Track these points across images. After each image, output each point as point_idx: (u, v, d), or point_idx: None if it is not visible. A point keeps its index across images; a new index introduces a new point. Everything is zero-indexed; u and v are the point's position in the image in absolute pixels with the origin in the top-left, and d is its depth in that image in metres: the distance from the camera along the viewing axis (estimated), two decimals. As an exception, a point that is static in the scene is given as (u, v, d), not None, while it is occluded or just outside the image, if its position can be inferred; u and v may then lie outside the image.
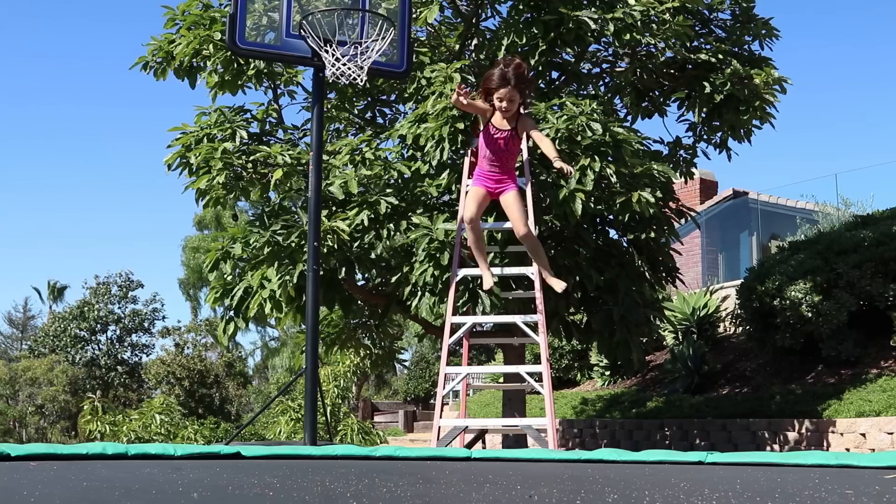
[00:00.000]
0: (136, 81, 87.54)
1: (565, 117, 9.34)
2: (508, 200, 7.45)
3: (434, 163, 9.52)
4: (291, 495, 3.49)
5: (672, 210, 10.50)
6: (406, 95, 10.53)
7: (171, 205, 75.57)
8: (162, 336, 34.02)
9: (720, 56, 10.79)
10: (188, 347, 32.14)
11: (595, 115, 9.35)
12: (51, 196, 73.97)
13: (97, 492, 3.48)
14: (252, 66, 10.41)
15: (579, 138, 9.23)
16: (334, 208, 9.66)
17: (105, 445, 5.00)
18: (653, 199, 9.25)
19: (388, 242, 9.53)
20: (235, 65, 10.39)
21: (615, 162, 9.28)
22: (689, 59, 10.91)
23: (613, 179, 9.23)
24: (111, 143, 72.40)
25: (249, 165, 10.00)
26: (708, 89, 10.71)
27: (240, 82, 10.55)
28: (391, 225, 9.48)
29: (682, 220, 11.07)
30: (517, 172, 9.53)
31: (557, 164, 7.05)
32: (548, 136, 9.41)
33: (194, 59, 10.44)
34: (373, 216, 9.36)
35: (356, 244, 9.49)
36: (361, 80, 7.90)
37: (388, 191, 9.59)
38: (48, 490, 3.53)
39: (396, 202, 9.46)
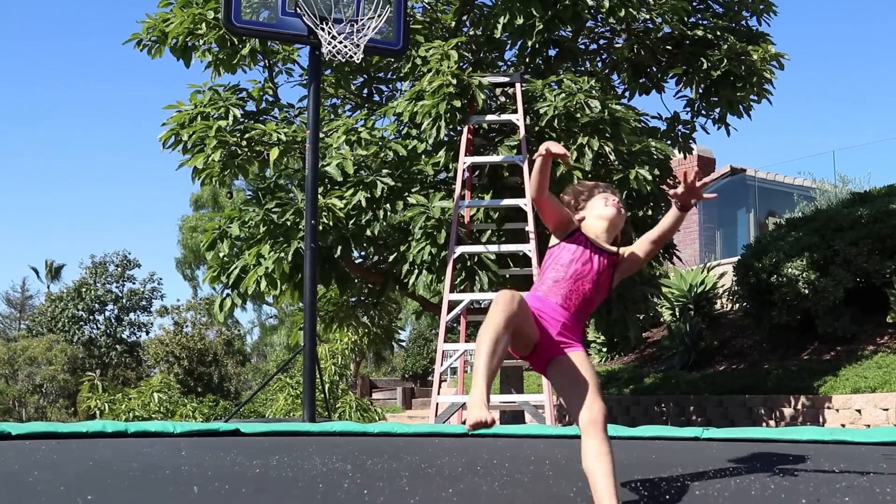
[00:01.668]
0: (133, 59, 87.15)
1: (564, 95, 9.32)
2: (574, 364, 3.56)
3: (431, 141, 9.51)
4: (289, 474, 3.52)
5: (670, 187, 10.50)
6: (402, 74, 10.50)
7: (168, 185, 75.40)
8: (160, 315, 34.04)
9: (717, 32, 10.76)
10: (187, 326, 32.17)
11: (593, 92, 9.34)
12: (48, 175, 73.83)
13: (100, 472, 3.50)
14: (247, 44, 10.37)
15: (578, 116, 9.23)
16: (329, 187, 9.66)
17: (105, 423, 5.02)
18: (650, 177, 9.26)
19: (384, 223, 9.54)
20: (230, 43, 10.35)
21: (613, 139, 9.27)
22: (687, 36, 10.88)
23: (612, 157, 9.23)
24: (108, 123, 72.20)
25: (244, 143, 9.99)
26: (705, 66, 10.68)
27: (234, 62, 10.51)
28: (387, 205, 9.49)
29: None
30: (514, 151, 9.54)
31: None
32: (545, 113, 9.40)
33: (188, 39, 10.41)
34: (369, 196, 9.36)
35: (352, 222, 9.51)
36: (358, 59, 7.88)
37: (385, 171, 9.58)
38: (53, 473, 3.55)
39: (392, 183, 9.46)
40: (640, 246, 3.79)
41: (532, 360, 3.59)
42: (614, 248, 3.65)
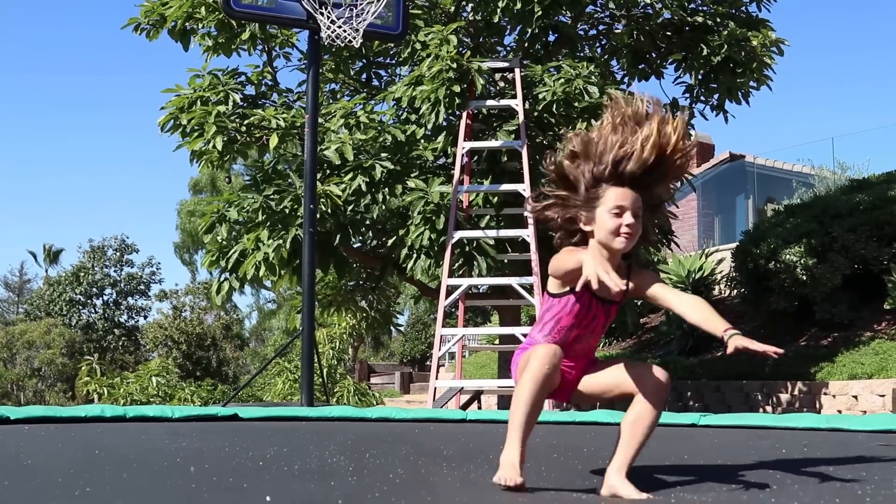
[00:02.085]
0: (131, 44, 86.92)
1: (563, 80, 9.31)
2: (599, 368, 3.27)
3: (430, 126, 9.50)
4: (287, 459, 3.53)
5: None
6: (402, 59, 10.48)
7: (166, 170, 75.29)
8: (159, 299, 34.06)
9: (717, 19, 10.74)
10: (186, 310, 32.18)
11: (592, 78, 9.32)
12: (46, 159, 73.70)
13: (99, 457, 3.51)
14: (246, 29, 10.34)
15: (577, 103, 9.22)
16: (328, 172, 9.66)
17: (103, 408, 5.04)
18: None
19: (383, 207, 9.54)
20: (229, 27, 10.33)
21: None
22: (687, 22, 10.86)
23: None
24: (107, 106, 72.02)
25: (243, 129, 9.98)
26: (705, 52, 10.66)
27: (233, 46, 10.50)
28: (386, 189, 9.49)
29: (679, 184, 11.05)
30: (513, 136, 9.53)
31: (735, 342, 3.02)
32: (544, 98, 9.37)
33: (187, 23, 10.38)
34: (368, 180, 9.36)
35: (350, 208, 9.51)
36: (357, 43, 7.86)
37: (384, 154, 9.58)
38: (51, 457, 3.56)
39: (392, 167, 9.45)
40: (652, 290, 3.11)
41: (553, 398, 3.26)
42: (622, 285, 2.85)
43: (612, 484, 2.88)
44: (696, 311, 2.98)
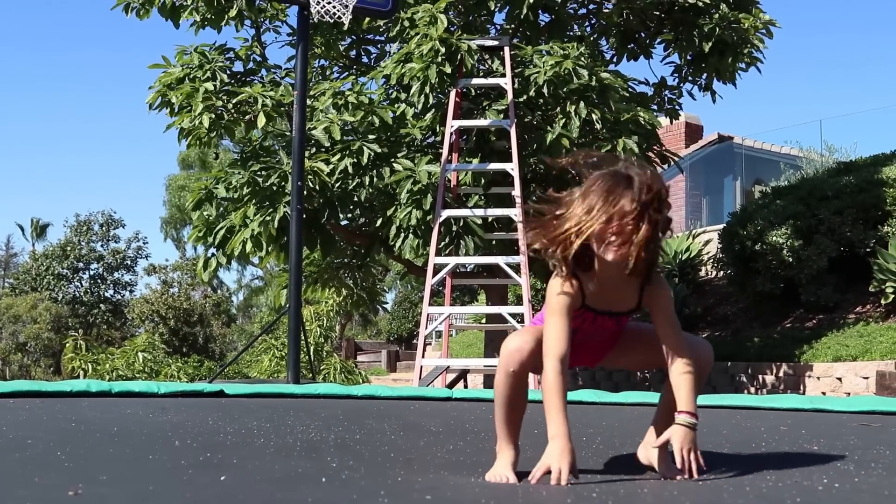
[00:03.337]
0: (121, 21, 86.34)
1: (553, 62, 9.29)
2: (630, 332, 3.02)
3: (420, 106, 9.48)
4: (272, 435, 3.53)
5: (655, 154, 10.51)
6: (391, 35, 10.44)
7: (155, 144, 74.95)
8: (148, 274, 33.98)
9: (708, 0, 10.71)
10: (174, 286, 32.11)
11: (582, 59, 9.31)
12: (36, 134, 73.30)
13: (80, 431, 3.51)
14: (234, 5, 10.29)
15: (565, 84, 9.21)
16: (315, 150, 9.64)
17: (89, 383, 5.04)
18: (637, 148, 9.26)
19: (370, 189, 9.53)
20: (216, 3, 10.27)
21: (601, 107, 9.26)
22: (677, 2, 10.84)
23: (599, 126, 9.22)
24: (96, 81, 71.57)
25: (231, 106, 9.95)
26: (696, 35, 10.64)
27: (222, 22, 10.45)
28: (374, 172, 9.48)
29: (666, 166, 11.08)
30: (502, 115, 9.51)
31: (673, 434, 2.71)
32: (535, 79, 9.35)
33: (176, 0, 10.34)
34: (355, 161, 9.35)
35: (338, 184, 9.50)
36: (346, 19, 7.83)
37: (371, 137, 9.55)
38: (35, 431, 3.55)
39: (379, 150, 9.44)
40: (656, 322, 2.83)
41: (579, 363, 3.01)
42: (633, 304, 2.79)
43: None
44: (677, 376, 2.73)
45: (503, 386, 2.79)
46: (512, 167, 8.91)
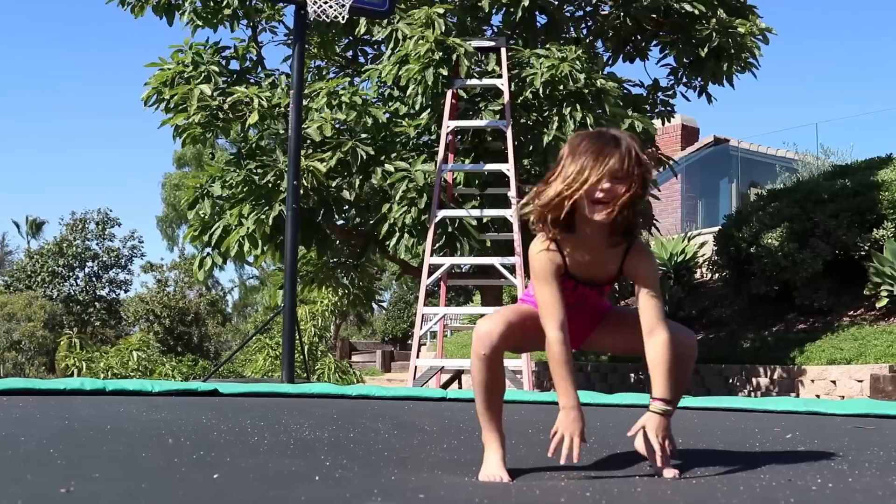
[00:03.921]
0: (117, 16, 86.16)
1: (549, 64, 9.29)
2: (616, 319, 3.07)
3: (418, 106, 9.48)
4: (265, 434, 3.53)
5: (650, 157, 10.52)
6: (384, 38, 10.42)
7: (151, 143, 74.87)
8: (145, 271, 33.93)
9: (703, 7, 10.70)
10: (170, 285, 32.06)
11: (579, 62, 9.31)
12: (32, 130, 73.17)
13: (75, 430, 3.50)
14: (228, 3, 10.28)
15: (562, 87, 9.21)
16: (310, 150, 9.63)
17: (83, 381, 5.03)
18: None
19: (364, 188, 9.54)
20: (212, 3, 10.26)
21: (596, 110, 9.27)
22: (673, 8, 10.83)
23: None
24: (92, 79, 71.48)
25: (226, 106, 9.94)
26: (692, 42, 10.67)
27: (215, 20, 10.44)
28: (364, 173, 9.49)
29: (661, 168, 11.09)
30: (498, 116, 9.52)
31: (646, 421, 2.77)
32: (532, 81, 9.35)
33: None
34: (348, 160, 9.35)
35: (334, 183, 9.50)
36: (343, 19, 7.83)
37: (365, 136, 9.54)
38: (27, 428, 3.55)
39: (373, 152, 9.44)
40: (638, 293, 2.80)
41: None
42: (614, 272, 2.80)
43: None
44: (653, 354, 2.71)
45: (478, 371, 2.82)
46: (508, 168, 8.92)
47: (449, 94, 9.27)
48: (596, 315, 2.99)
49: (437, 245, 9.18)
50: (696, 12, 10.63)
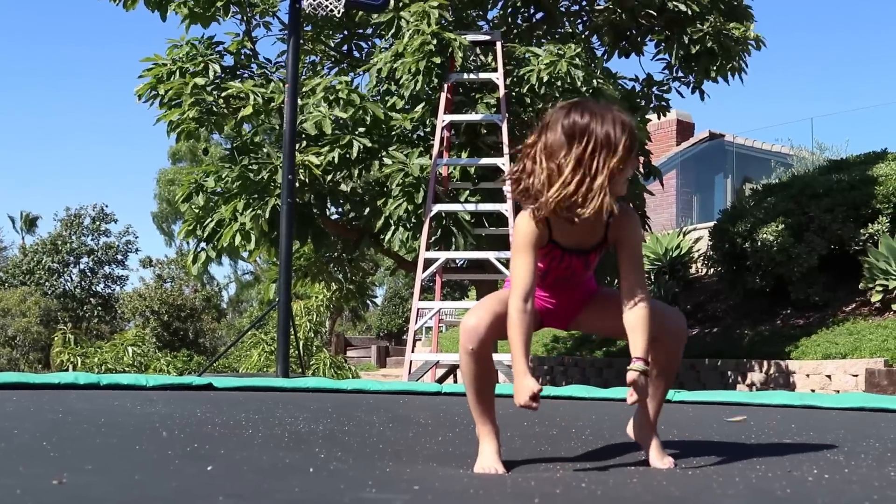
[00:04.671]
0: (110, 10, 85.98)
1: (548, 60, 9.29)
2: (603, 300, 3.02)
3: (407, 94, 9.44)
4: (260, 428, 3.52)
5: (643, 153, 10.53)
6: (381, 32, 10.40)
7: (147, 138, 74.78)
8: (144, 266, 33.89)
9: (697, 9, 10.69)
10: (168, 281, 32.00)
11: (577, 60, 9.30)
12: (26, 126, 73.03)
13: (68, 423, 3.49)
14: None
15: (559, 83, 9.20)
16: (306, 144, 9.61)
17: (77, 375, 5.01)
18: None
19: (359, 181, 9.52)
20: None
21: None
22: (667, 7, 10.82)
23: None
24: (87, 74, 71.34)
25: (221, 101, 9.91)
26: (686, 40, 10.68)
27: (208, 14, 10.39)
28: (362, 166, 9.47)
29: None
30: (493, 110, 9.50)
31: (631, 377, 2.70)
32: (528, 78, 9.33)
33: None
34: (345, 154, 9.33)
35: (329, 177, 9.48)
36: (339, 12, 7.81)
37: (361, 129, 9.53)
38: (21, 422, 3.53)
39: (370, 144, 9.42)
40: (619, 258, 2.79)
41: (550, 325, 3.07)
42: (600, 237, 2.77)
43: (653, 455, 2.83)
44: (633, 316, 2.70)
45: (467, 365, 2.81)
46: (503, 162, 8.91)
47: (444, 87, 9.26)
48: (585, 294, 2.97)
49: (433, 239, 9.17)
50: (690, 12, 10.63)
